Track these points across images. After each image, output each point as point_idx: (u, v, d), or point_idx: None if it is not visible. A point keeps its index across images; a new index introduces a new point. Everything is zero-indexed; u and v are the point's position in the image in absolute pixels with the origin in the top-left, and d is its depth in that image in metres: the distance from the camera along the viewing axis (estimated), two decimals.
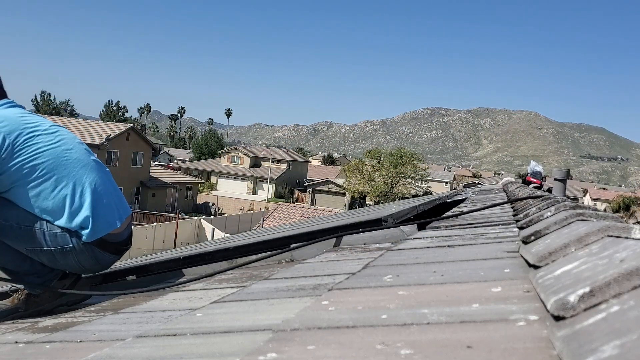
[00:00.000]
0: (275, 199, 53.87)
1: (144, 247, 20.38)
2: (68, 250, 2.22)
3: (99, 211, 2.26)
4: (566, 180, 5.13)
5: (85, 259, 2.27)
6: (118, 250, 2.39)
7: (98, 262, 2.32)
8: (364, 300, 0.98)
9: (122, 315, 1.56)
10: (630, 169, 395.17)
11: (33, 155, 2.17)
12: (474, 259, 1.31)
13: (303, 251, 2.32)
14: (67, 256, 2.23)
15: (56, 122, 2.52)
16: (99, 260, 2.32)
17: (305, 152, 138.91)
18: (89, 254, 2.26)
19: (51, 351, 1.24)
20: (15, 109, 2.29)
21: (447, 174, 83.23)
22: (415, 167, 47.53)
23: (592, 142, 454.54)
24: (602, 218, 1.33)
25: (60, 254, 2.22)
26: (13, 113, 2.23)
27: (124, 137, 37.79)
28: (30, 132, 2.19)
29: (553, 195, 3.12)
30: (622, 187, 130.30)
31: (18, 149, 2.14)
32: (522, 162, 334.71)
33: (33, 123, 2.24)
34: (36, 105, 74.85)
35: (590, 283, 0.69)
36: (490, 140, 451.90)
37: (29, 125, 2.21)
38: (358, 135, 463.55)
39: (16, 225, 2.18)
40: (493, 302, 0.85)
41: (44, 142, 2.21)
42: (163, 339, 1.01)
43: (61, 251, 2.22)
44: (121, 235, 2.39)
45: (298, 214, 28.85)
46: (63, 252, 2.22)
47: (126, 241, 2.45)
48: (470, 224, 2.15)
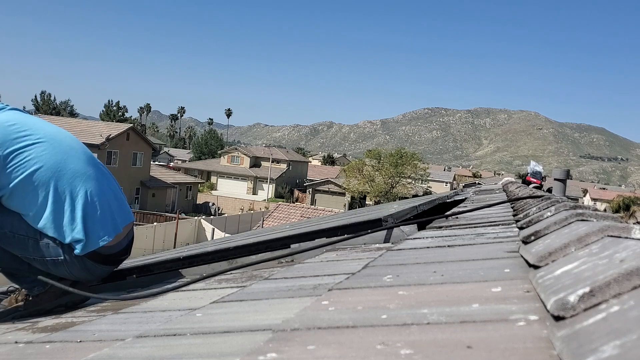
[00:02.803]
0: (275, 199, 53.86)
1: (144, 247, 20.38)
2: (60, 262, 2.21)
3: (92, 225, 2.22)
4: (566, 180, 5.12)
5: (77, 271, 2.25)
6: (113, 261, 2.37)
7: (90, 273, 2.30)
8: (364, 300, 0.98)
9: (122, 315, 1.56)
10: (630, 169, 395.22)
11: (25, 168, 2.12)
12: (474, 259, 1.31)
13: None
14: (59, 267, 2.23)
15: (56, 122, 2.51)
16: (92, 272, 2.30)
17: (305, 152, 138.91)
18: (80, 266, 2.24)
19: (51, 351, 1.24)
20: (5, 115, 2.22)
21: (447, 174, 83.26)
22: (415, 167, 47.52)
23: (592, 142, 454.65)
24: (602, 218, 1.32)
25: (52, 264, 2.22)
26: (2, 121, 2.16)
27: (124, 137, 37.79)
28: (21, 143, 2.14)
29: (553, 195, 3.12)
30: (622, 187, 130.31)
31: (10, 161, 2.10)
32: (522, 162, 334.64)
33: (24, 132, 2.17)
34: (36, 105, 74.82)
35: (590, 283, 0.69)
36: (490, 140, 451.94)
37: (20, 136, 2.15)
38: (358, 135, 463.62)
39: (10, 233, 2.17)
40: (493, 302, 0.85)
41: (36, 154, 2.15)
42: (163, 339, 1.01)
43: (53, 262, 2.21)
44: (117, 246, 2.34)
45: (298, 214, 28.86)
46: (55, 262, 2.21)
47: (124, 251, 2.41)
48: (470, 224, 2.14)
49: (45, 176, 2.15)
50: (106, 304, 2.16)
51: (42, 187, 2.15)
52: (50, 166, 2.17)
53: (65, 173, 2.20)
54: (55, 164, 2.19)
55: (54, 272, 2.24)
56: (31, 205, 2.15)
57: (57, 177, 2.18)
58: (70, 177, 2.22)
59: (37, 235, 2.18)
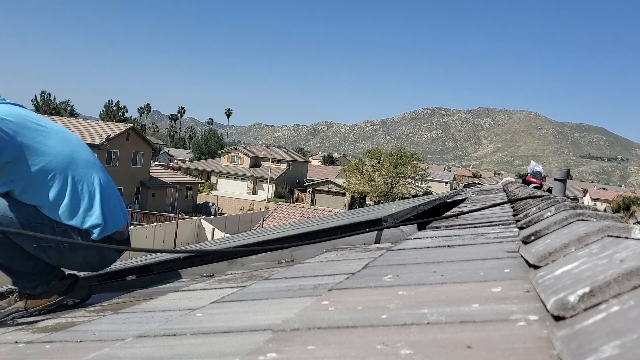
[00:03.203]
0: (275, 199, 53.84)
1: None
2: (77, 247, 2.25)
3: (108, 210, 2.32)
4: (566, 180, 5.12)
5: (92, 256, 2.33)
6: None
7: (104, 258, 2.39)
8: (364, 300, 0.98)
9: (122, 315, 1.56)
10: (630, 169, 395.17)
11: (43, 156, 2.18)
12: (474, 259, 1.31)
13: (303, 251, 2.32)
14: (75, 253, 2.27)
15: (56, 122, 2.53)
16: (105, 257, 2.38)
17: (305, 152, 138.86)
18: (96, 251, 2.31)
19: (51, 351, 1.24)
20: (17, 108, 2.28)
21: (447, 174, 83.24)
22: (415, 167, 47.51)
23: (592, 142, 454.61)
24: (602, 218, 1.32)
25: (68, 251, 2.26)
26: (17, 111, 2.24)
27: (124, 137, 37.78)
28: (37, 133, 2.20)
29: (553, 195, 3.12)
30: (622, 187, 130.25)
31: (27, 149, 2.15)
32: (522, 162, 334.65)
33: (38, 123, 2.25)
34: (36, 105, 74.81)
35: (590, 283, 0.69)
36: (490, 140, 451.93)
37: (35, 127, 2.22)
38: (358, 135, 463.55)
39: (26, 222, 2.20)
40: (493, 302, 0.85)
41: (51, 144, 2.22)
42: (163, 339, 1.01)
43: (70, 247, 2.25)
44: (124, 233, 2.45)
45: (298, 214, 28.85)
46: (72, 249, 2.25)
47: (127, 240, 2.51)
48: (470, 224, 2.14)
49: (62, 165, 2.23)
50: (106, 304, 2.16)
51: (60, 175, 2.22)
52: (65, 156, 2.25)
53: (79, 162, 2.29)
54: (70, 154, 2.27)
55: (69, 259, 2.29)
56: (49, 194, 2.20)
57: (72, 166, 2.26)
58: (84, 165, 2.31)
59: (52, 223, 2.22)
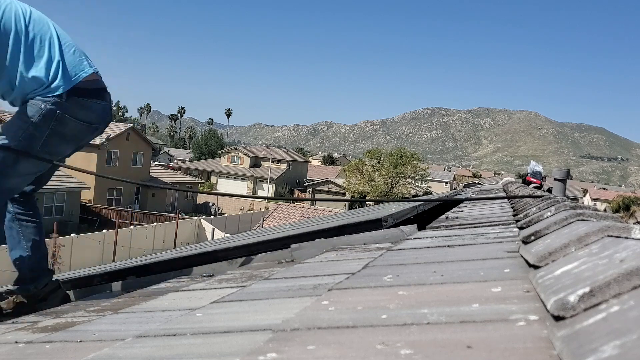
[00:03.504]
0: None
1: (144, 247, 20.37)
2: (55, 104, 2.21)
3: (71, 61, 2.30)
4: (566, 180, 5.12)
5: (79, 111, 2.28)
6: (101, 95, 2.41)
7: (90, 109, 2.34)
8: (364, 300, 0.98)
9: (122, 315, 1.56)
10: (630, 169, 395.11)
11: None
12: (474, 259, 1.31)
13: (303, 251, 2.32)
14: (63, 120, 2.24)
15: None
16: (90, 107, 2.34)
17: (305, 152, 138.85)
18: (77, 105, 2.27)
19: (51, 351, 1.24)
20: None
21: (447, 174, 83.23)
22: (415, 167, 47.50)
23: (592, 142, 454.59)
24: (602, 218, 1.32)
25: (56, 122, 2.22)
26: None
27: (123, 137, 37.76)
28: None
29: (553, 195, 3.12)
30: (622, 187, 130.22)
31: None
32: (522, 162, 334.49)
33: None
34: None
35: (590, 283, 0.69)
36: (490, 140, 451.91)
37: None
38: (358, 135, 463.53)
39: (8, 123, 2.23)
40: (493, 302, 0.85)
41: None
42: (163, 339, 1.01)
43: (53, 115, 2.21)
44: (98, 82, 2.41)
45: (298, 214, 28.83)
46: (57, 117, 2.22)
47: (105, 90, 2.46)
48: (470, 224, 2.14)
49: (10, 25, 2.18)
50: (106, 304, 2.16)
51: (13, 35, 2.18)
52: (12, 16, 2.20)
53: (31, 21, 2.26)
54: (17, 14, 2.23)
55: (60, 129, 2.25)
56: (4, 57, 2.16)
57: (23, 25, 2.22)
58: (39, 23, 2.29)
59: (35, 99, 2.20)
